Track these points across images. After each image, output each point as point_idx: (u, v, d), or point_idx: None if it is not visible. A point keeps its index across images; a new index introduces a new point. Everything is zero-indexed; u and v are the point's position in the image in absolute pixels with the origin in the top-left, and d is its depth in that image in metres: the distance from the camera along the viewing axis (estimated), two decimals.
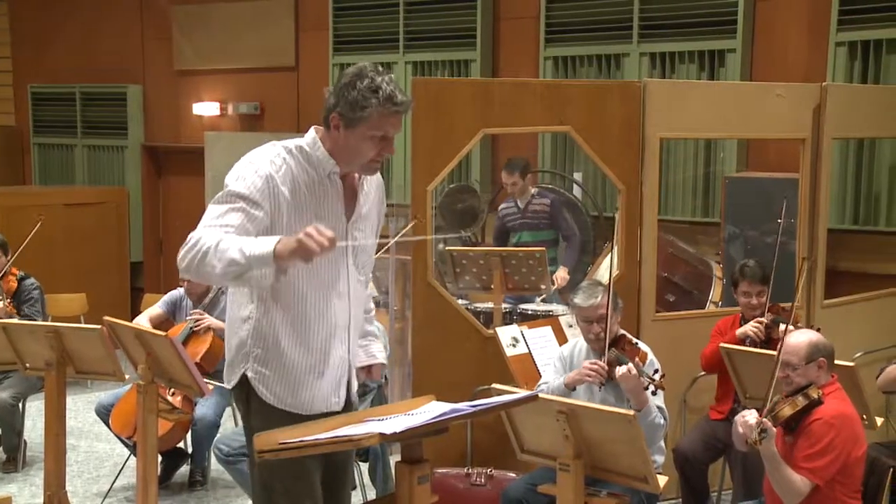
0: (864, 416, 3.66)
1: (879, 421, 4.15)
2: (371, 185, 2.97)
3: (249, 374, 2.86)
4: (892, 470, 3.47)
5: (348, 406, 2.99)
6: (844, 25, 6.16)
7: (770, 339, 4.36)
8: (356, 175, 2.90)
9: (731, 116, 4.93)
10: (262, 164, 2.74)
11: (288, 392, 2.86)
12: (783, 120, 5.01)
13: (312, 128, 2.86)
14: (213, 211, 2.71)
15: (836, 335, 3.66)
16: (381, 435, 2.40)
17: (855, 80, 6.14)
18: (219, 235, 2.62)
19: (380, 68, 2.79)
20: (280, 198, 2.73)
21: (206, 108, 9.00)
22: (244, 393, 2.90)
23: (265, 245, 2.55)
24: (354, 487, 4.86)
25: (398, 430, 2.42)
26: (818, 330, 3.69)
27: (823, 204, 5.12)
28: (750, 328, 4.38)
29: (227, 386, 2.96)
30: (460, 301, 5.50)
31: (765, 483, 3.56)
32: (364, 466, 4.61)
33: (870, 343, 5.23)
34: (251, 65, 8.89)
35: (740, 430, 3.32)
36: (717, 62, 6.65)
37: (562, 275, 5.96)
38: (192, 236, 2.65)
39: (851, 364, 3.90)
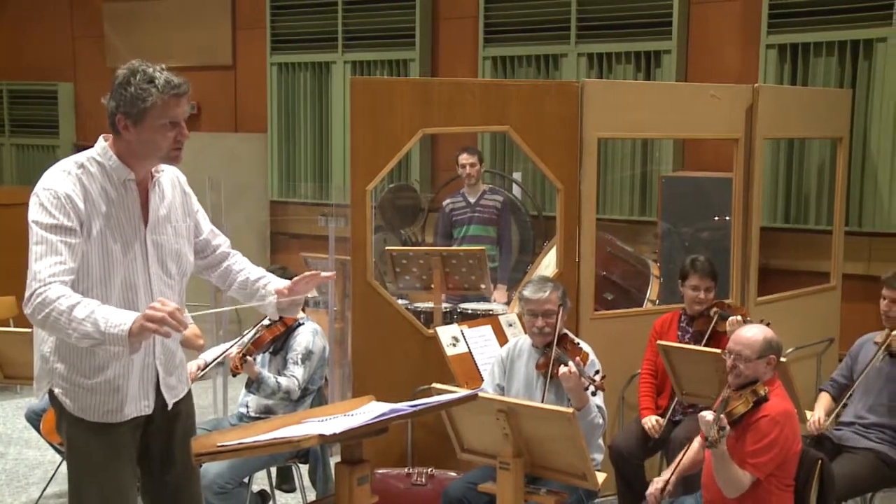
0: (796, 411, 3.74)
1: (809, 415, 4.25)
2: (166, 185, 2.96)
3: (56, 391, 2.86)
4: (820, 462, 3.55)
5: (164, 408, 2.97)
6: (774, 29, 6.30)
7: (714, 334, 4.43)
8: (150, 178, 2.89)
9: (667, 116, 4.99)
10: (58, 186, 2.72)
11: (93, 404, 2.84)
12: (717, 120, 5.10)
13: (101, 136, 2.86)
14: (36, 252, 2.67)
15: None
16: (321, 436, 2.39)
17: (785, 81, 6.28)
18: (73, 297, 2.59)
19: (148, 62, 2.79)
20: (82, 215, 2.72)
21: None
22: (57, 405, 2.90)
23: (121, 323, 2.54)
24: (294, 490, 4.83)
25: (338, 430, 2.41)
26: (768, 325, 3.76)
27: (756, 203, 5.22)
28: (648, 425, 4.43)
29: (37, 399, 2.94)
30: (400, 301, 5.49)
31: (703, 477, 3.61)
32: (304, 468, 4.57)
33: (801, 339, 5.35)
34: (187, 63, 8.75)
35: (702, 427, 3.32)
36: (654, 63, 6.75)
37: (500, 295, 5.97)
38: (37, 292, 2.60)
39: (784, 360, 3.98)
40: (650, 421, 4.42)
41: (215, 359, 4.37)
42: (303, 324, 4.42)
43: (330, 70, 8.12)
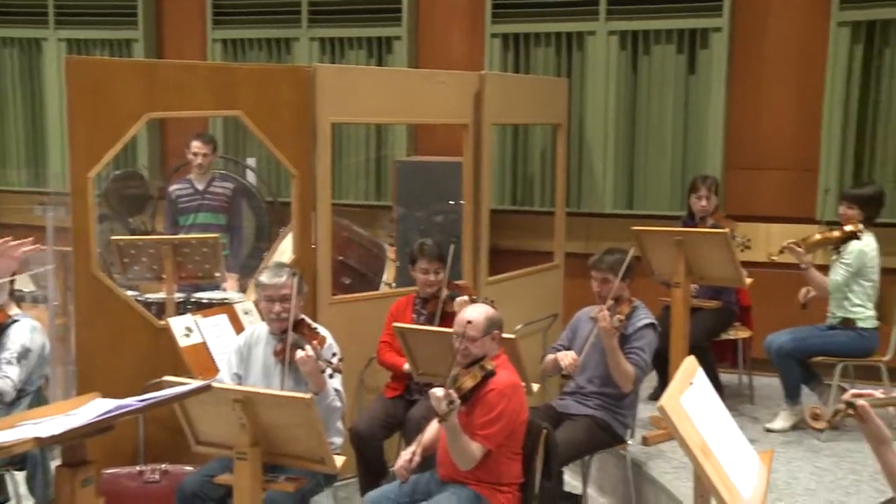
0: (524, 384, 3.95)
1: (536, 387, 4.50)
2: None
3: None
4: (545, 431, 3.77)
5: None
6: (498, 19, 6.59)
7: (445, 314, 4.57)
8: None
9: (399, 102, 5.08)
10: None
11: None
12: (447, 106, 5.25)
13: None
14: None
15: (499, 309, 3.91)
16: (38, 439, 2.25)
17: (509, 69, 6.60)
18: None
19: None
20: None
21: None
22: None
23: None
24: (7, 500, 4.47)
25: (56, 432, 2.27)
26: (492, 303, 3.92)
27: (486, 186, 5.44)
28: None
29: None
30: (130, 292, 5.22)
31: (439, 454, 3.73)
32: (20, 476, 4.25)
33: (528, 315, 5.64)
34: None
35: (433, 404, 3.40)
36: (385, 49, 6.85)
37: (232, 284, 5.83)
38: None
39: (513, 336, 4.19)
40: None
41: None
42: (18, 320, 4.12)
43: (41, 48, 7.57)
